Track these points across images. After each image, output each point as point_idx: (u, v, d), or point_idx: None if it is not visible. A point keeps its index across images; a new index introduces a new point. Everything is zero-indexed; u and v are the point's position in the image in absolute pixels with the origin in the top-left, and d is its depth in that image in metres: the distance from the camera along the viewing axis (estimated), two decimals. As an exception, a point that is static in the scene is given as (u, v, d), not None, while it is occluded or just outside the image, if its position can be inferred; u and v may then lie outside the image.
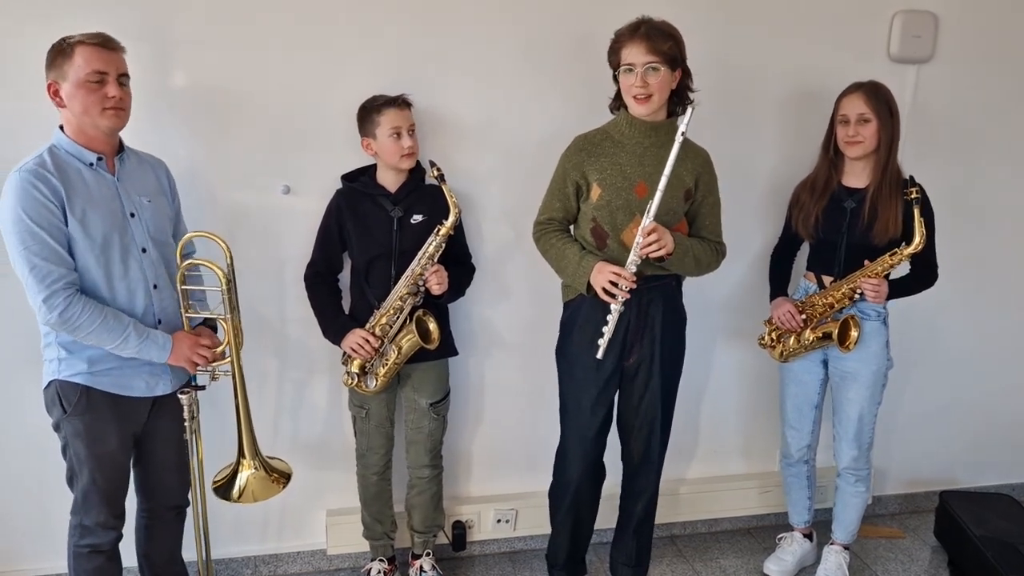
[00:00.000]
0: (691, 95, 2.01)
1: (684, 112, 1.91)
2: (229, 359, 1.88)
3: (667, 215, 1.98)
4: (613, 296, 1.95)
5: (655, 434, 2.18)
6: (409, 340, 2.11)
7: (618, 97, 2.04)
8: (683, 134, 1.87)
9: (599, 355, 2.00)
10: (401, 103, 2.10)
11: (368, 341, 2.11)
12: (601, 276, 1.97)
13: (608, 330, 1.99)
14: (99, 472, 1.84)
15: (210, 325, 1.96)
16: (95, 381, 1.79)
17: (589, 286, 2.00)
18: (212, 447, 2.06)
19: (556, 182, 2.10)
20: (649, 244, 1.91)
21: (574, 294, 2.13)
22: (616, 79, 2.01)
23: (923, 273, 2.28)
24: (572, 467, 2.20)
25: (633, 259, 1.95)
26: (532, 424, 2.58)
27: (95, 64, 1.68)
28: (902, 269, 2.25)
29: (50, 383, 1.81)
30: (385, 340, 2.13)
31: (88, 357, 1.77)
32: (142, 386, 1.84)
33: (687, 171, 2.00)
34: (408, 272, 2.09)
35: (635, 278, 1.95)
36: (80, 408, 1.79)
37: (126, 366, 1.80)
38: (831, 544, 2.53)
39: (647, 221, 1.92)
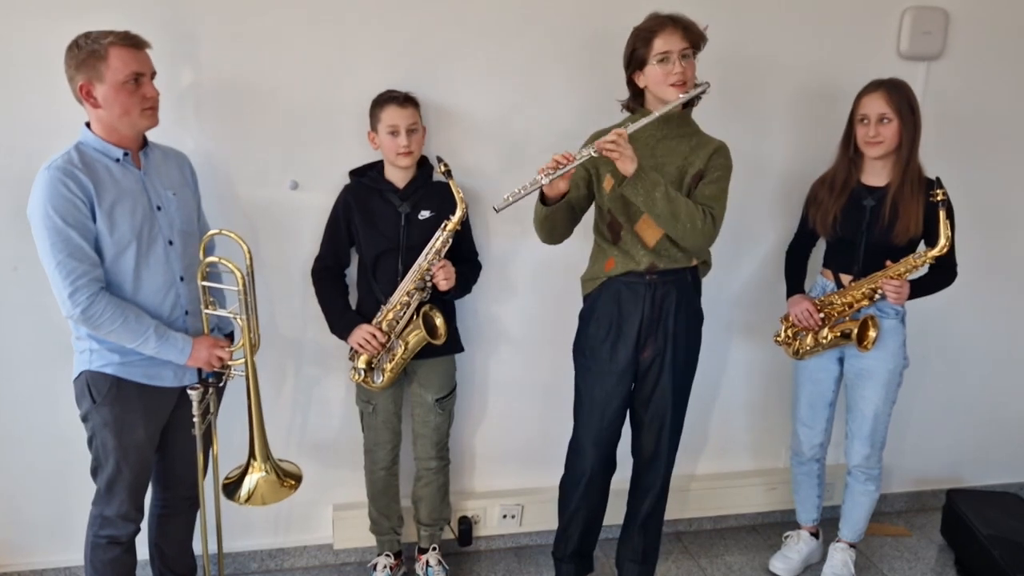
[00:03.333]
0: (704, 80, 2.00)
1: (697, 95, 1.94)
2: (243, 360, 1.89)
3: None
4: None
5: (664, 432, 2.18)
6: (416, 335, 2.12)
7: (635, 97, 2.03)
8: (683, 97, 1.91)
9: (496, 205, 1.85)
10: (403, 101, 2.10)
11: (375, 336, 2.11)
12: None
13: (517, 190, 1.85)
14: (125, 463, 1.86)
15: (226, 333, 1.98)
16: (126, 372, 1.81)
17: (542, 194, 1.94)
18: (228, 444, 2.08)
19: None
20: (608, 142, 1.83)
21: (592, 287, 2.13)
22: (633, 81, 2.00)
23: (943, 273, 2.25)
24: (585, 460, 2.21)
25: (586, 152, 1.86)
26: (538, 420, 2.59)
27: (133, 66, 1.69)
28: (920, 268, 2.23)
29: (80, 374, 1.83)
30: (392, 335, 2.14)
31: (119, 348, 1.79)
32: (170, 375, 1.87)
33: (699, 158, 1.99)
34: (415, 267, 2.10)
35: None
36: (110, 398, 1.81)
37: (153, 356, 1.82)
38: (837, 542, 2.53)
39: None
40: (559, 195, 1.95)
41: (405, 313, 2.13)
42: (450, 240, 2.09)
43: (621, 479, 2.33)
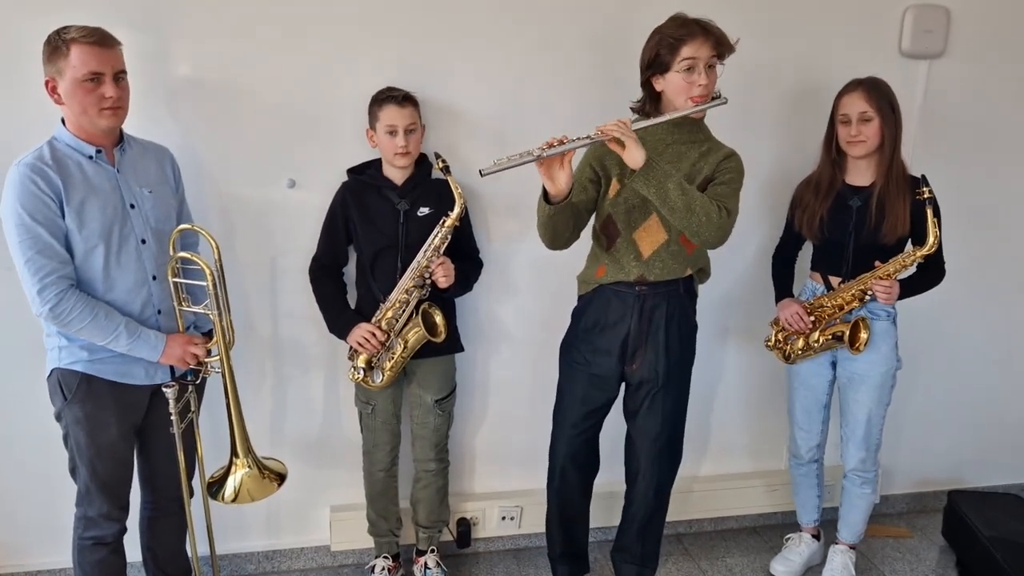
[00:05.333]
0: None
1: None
2: (218, 356, 1.87)
3: None
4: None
5: (651, 449, 2.15)
6: (415, 333, 2.10)
7: (651, 101, 1.98)
8: (695, 108, 1.87)
9: (482, 169, 1.75)
10: (401, 100, 2.07)
11: (374, 335, 2.09)
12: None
13: (507, 157, 1.76)
14: (99, 462, 1.84)
15: (203, 332, 1.96)
16: (95, 369, 1.79)
17: (545, 193, 1.86)
18: (211, 445, 2.05)
19: (576, 169, 2.05)
20: (611, 125, 1.77)
21: (586, 289, 2.12)
22: (649, 83, 1.95)
23: (931, 272, 2.25)
24: (558, 454, 2.21)
25: (585, 135, 1.77)
26: (538, 421, 2.55)
27: (91, 65, 1.67)
28: (909, 268, 2.22)
29: (52, 371, 1.82)
30: (391, 334, 2.12)
31: (87, 345, 1.78)
32: (141, 373, 1.85)
33: (708, 165, 1.95)
34: (414, 264, 2.08)
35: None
36: (80, 395, 1.79)
37: (125, 353, 1.80)
38: (836, 544, 2.51)
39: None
40: (562, 194, 1.84)
41: (404, 311, 2.11)
42: (449, 237, 2.07)
43: (618, 481, 2.31)
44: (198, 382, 1.94)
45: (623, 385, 2.15)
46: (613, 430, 2.26)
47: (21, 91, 2.00)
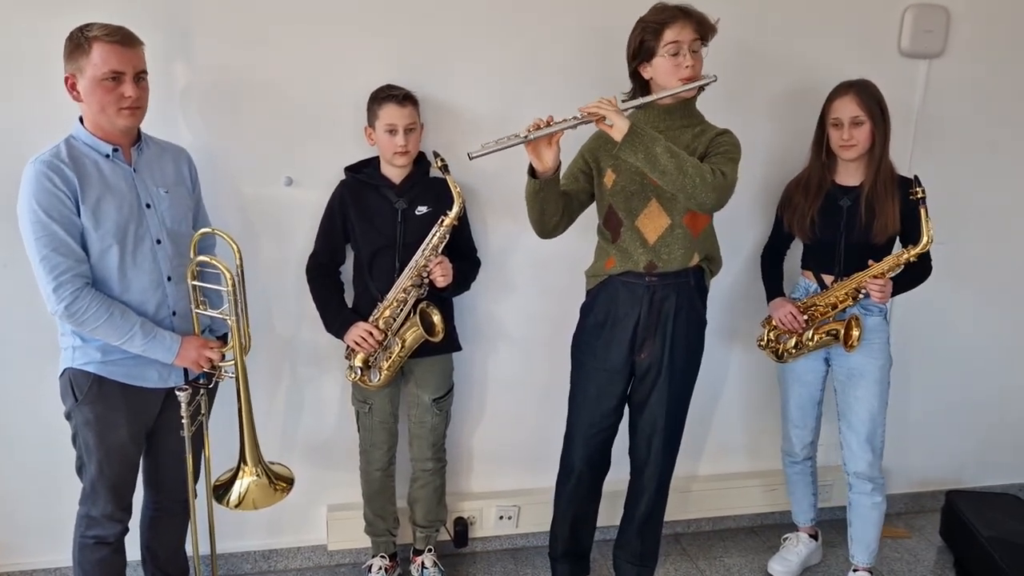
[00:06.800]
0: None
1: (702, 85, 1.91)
2: (233, 361, 1.86)
3: None
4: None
5: (656, 437, 2.15)
6: (413, 333, 2.10)
7: (640, 90, 2.00)
8: (703, 86, 1.90)
9: (471, 152, 1.79)
10: (402, 99, 2.07)
11: (372, 334, 2.09)
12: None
13: (495, 140, 1.80)
14: (107, 463, 1.84)
15: (219, 336, 1.96)
16: (107, 370, 1.78)
17: (532, 168, 1.90)
18: (220, 446, 2.05)
19: (572, 162, 2.10)
20: (592, 103, 1.80)
21: (594, 283, 2.12)
22: (638, 73, 1.98)
23: (920, 268, 2.24)
24: (574, 455, 2.20)
25: (571, 118, 1.81)
26: (536, 420, 2.56)
27: (112, 64, 1.67)
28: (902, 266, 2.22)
29: (64, 371, 1.81)
30: (389, 333, 2.11)
31: (101, 346, 1.77)
32: (154, 376, 1.84)
33: (702, 144, 1.96)
34: (412, 263, 2.07)
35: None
36: (91, 396, 1.78)
37: (139, 356, 1.79)
38: (855, 571, 2.43)
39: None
40: (549, 171, 1.88)
41: (402, 310, 2.10)
42: (447, 236, 2.06)
43: (619, 480, 2.31)
44: (211, 386, 1.93)
45: (632, 377, 2.15)
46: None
47: (21, 92, 2.00)
